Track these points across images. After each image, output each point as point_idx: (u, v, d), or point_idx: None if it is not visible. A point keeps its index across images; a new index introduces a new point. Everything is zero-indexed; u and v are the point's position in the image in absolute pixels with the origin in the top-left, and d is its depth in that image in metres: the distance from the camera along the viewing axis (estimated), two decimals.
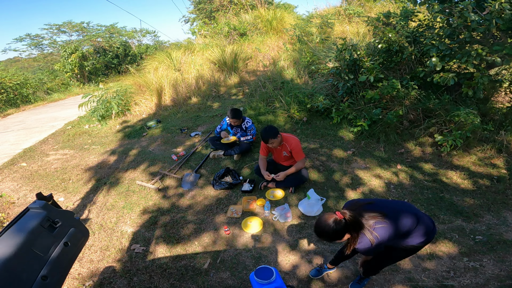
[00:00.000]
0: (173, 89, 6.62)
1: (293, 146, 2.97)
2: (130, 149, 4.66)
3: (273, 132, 2.85)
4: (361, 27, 6.76)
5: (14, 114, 9.50)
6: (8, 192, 3.84)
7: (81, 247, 1.80)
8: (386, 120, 3.85)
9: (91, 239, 2.79)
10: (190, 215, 2.98)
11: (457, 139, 3.45)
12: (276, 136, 2.87)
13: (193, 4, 16.90)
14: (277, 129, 2.91)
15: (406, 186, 3.18)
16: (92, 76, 14.78)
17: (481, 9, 3.08)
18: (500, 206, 2.85)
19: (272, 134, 2.84)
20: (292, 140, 2.99)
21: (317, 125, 4.46)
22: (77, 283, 2.34)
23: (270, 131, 2.85)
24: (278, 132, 2.89)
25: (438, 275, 2.14)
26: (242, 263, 2.36)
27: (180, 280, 2.26)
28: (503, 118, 3.82)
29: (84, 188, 3.72)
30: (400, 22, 4.23)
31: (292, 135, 3.07)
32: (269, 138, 2.86)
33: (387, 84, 3.87)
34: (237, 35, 8.94)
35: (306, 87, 5.21)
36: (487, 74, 3.38)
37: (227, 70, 7.15)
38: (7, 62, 23.14)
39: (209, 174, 3.65)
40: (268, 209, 2.84)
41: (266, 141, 2.89)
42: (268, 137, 2.85)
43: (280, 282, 1.66)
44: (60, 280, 1.55)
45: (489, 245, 2.38)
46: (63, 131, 6.19)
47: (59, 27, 17.35)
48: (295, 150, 2.97)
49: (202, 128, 5.06)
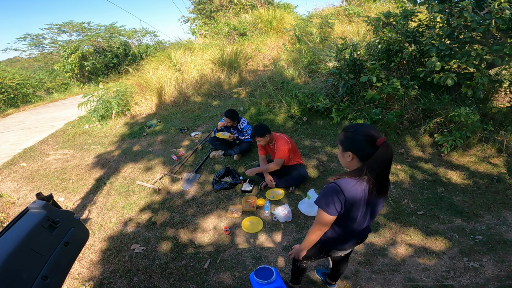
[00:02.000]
0: (173, 89, 6.62)
1: (279, 144, 3.02)
2: (130, 149, 4.66)
3: (260, 131, 2.96)
4: (361, 27, 6.76)
5: (14, 114, 9.50)
6: (8, 192, 3.84)
7: (81, 247, 1.80)
8: (386, 120, 3.85)
9: (91, 239, 2.79)
10: (190, 215, 2.98)
11: (457, 139, 3.45)
12: (264, 135, 2.96)
13: (193, 4, 16.91)
14: (268, 128, 2.99)
15: (406, 186, 3.18)
16: (92, 76, 14.78)
17: (481, 9, 3.08)
18: (500, 206, 2.85)
19: (259, 133, 2.96)
20: (281, 140, 3.03)
21: (317, 125, 4.46)
22: (77, 283, 2.34)
23: (257, 129, 2.97)
24: (267, 131, 2.97)
25: (438, 275, 2.14)
26: (242, 263, 2.36)
27: (180, 280, 2.26)
28: (503, 118, 3.82)
29: (84, 188, 3.72)
30: (400, 22, 4.23)
31: (284, 135, 3.10)
32: (256, 136, 2.98)
33: (387, 84, 3.87)
34: (237, 35, 8.94)
35: (306, 87, 5.21)
36: (487, 74, 3.37)
37: (227, 70, 7.15)
38: (7, 62, 23.17)
39: (209, 174, 3.65)
40: (268, 209, 2.84)
41: (253, 137, 3.02)
42: (255, 134, 2.98)
43: (280, 282, 1.66)
44: (60, 280, 1.55)
45: (489, 245, 2.37)
46: (63, 131, 6.19)
47: (60, 27, 17.36)
48: (279, 149, 3.01)
49: (202, 128, 5.06)
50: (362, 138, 1.17)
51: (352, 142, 1.21)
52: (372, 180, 1.18)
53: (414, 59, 4.15)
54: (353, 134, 1.20)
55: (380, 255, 2.34)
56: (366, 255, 2.34)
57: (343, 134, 1.25)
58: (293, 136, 4.28)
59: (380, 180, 1.20)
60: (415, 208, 2.84)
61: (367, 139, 1.16)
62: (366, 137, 1.17)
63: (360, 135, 1.18)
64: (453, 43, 3.53)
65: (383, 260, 2.29)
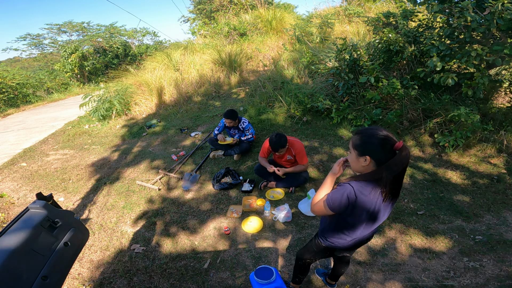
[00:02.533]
0: (173, 89, 6.62)
1: (298, 150, 2.95)
2: (130, 149, 4.66)
3: (282, 142, 2.80)
4: (361, 27, 6.76)
5: (14, 114, 9.50)
6: (8, 192, 3.83)
7: (81, 247, 1.80)
8: (386, 120, 3.85)
9: (91, 239, 2.79)
10: (190, 215, 2.98)
11: (459, 139, 3.45)
12: (286, 145, 2.85)
13: (193, 4, 16.91)
14: (286, 136, 2.86)
15: (406, 186, 3.18)
16: (92, 76, 14.78)
17: (481, 9, 3.08)
18: (500, 206, 2.85)
19: (282, 144, 2.80)
20: (297, 144, 2.96)
21: (317, 125, 4.46)
22: (77, 283, 2.34)
23: (280, 141, 2.79)
24: (287, 140, 2.85)
25: (438, 275, 2.14)
26: (242, 263, 2.36)
27: (180, 280, 2.26)
28: (503, 118, 3.82)
29: (84, 188, 3.72)
30: (401, 22, 4.23)
31: (296, 138, 3.04)
32: (279, 148, 2.82)
33: (387, 84, 3.87)
34: (237, 35, 8.94)
35: (306, 87, 5.21)
36: (487, 74, 3.37)
37: (227, 70, 7.15)
38: (7, 62, 23.16)
39: (209, 174, 3.65)
40: (268, 209, 2.84)
41: (276, 150, 2.84)
42: (279, 147, 2.81)
43: (280, 282, 1.66)
44: (60, 280, 1.55)
45: (489, 245, 2.38)
46: (63, 131, 6.19)
47: (60, 27, 17.36)
48: (300, 154, 2.96)
49: (202, 128, 5.06)
50: (379, 142, 1.15)
51: (370, 146, 1.17)
52: (388, 185, 1.17)
53: (414, 59, 4.15)
54: (369, 138, 1.17)
55: (380, 255, 2.34)
56: (366, 255, 2.34)
57: (359, 138, 1.21)
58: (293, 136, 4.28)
59: (395, 184, 1.19)
60: (415, 208, 2.84)
61: (385, 143, 1.14)
62: (384, 141, 1.14)
63: (378, 139, 1.15)
64: (453, 43, 3.53)
65: (383, 260, 2.29)
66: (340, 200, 1.21)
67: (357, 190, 1.18)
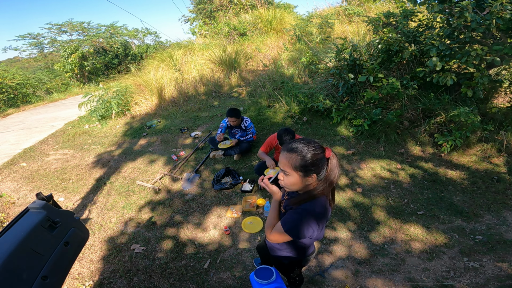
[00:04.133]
0: (173, 89, 6.62)
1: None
2: (130, 149, 4.67)
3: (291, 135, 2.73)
4: (361, 27, 6.76)
5: (14, 114, 9.49)
6: (8, 192, 3.83)
7: (81, 247, 1.80)
8: (386, 120, 3.85)
9: (91, 239, 2.79)
10: (190, 215, 2.98)
11: (457, 139, 3.45)
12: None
13: (193, 4, 16.91)
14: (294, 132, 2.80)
15: (406, 186, 3.18)
16: (92, 76, 14.78)
17: (481, 9, 3.08)
18: (500, 206, 2.85)
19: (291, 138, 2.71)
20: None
21: (317, 125, 4.46)
22: (77, 283, 2.34)
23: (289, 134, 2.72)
24: (295, 135, 2.79)
25: (438, 275, 2.14)
26: (242, 263, 2.36)
27: (180, 280, 2.26)
28: (503, 118, 3.82)
29: (84, 188, 3.72)
30: (401, 22, 4.23)
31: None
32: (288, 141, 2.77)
33: (387, 84, 3.87)
34: (237, 35, 8.94)
35: (306, 87, 5.21)
36: (487, 74, 3.37)
37: (227, 70, 7.15)
38: (7, 62, 23.16)
39: (209, 174, 3.65)
40: (268, 209, 2.84)
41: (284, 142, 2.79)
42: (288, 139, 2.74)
43: (280, 282, 1.66)
44: (60, 280, 1.55)
45: (489, 245, 2.38)
46: (63, 131, 6.19)
47: (60, 26, 17.34)
48: None
49: (202, 128, 5.06)
50: (322, 155, 1.09)
51: (318, 163, 1.09)
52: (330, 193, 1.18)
53: (414, 59, 4.15)
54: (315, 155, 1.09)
55: (380, 255, 2.34)
56: (366, 255, 2.34)
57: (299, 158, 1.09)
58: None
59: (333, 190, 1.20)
60: (415, 208, 2.85)
61: (324, 155, 1.10)
62: (323, 153, 1.10)
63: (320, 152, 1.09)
64: (453, 43, 3.53)
65: (383, 260, 2.29)
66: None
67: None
